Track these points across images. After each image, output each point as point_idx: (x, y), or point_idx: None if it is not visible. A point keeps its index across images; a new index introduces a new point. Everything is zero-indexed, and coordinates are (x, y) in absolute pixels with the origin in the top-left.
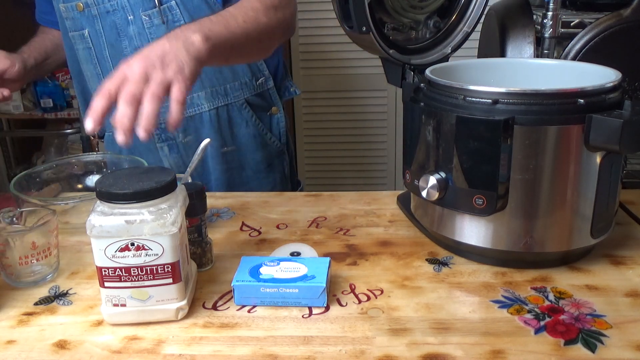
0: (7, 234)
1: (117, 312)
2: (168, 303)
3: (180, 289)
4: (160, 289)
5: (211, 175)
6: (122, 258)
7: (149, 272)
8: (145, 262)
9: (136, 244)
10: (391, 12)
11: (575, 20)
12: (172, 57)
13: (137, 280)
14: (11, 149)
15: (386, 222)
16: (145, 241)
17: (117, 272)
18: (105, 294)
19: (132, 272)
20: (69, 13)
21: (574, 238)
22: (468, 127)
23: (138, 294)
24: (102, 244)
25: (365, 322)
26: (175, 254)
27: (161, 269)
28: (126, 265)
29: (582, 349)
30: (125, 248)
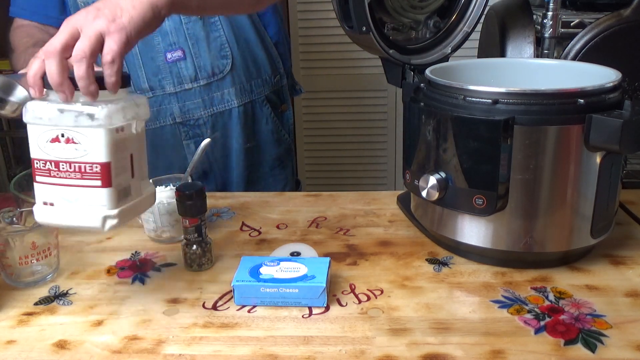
0: (7, 234)
1: (46, 212)
2: (95, 209)
3: (110, 196)
4: (88, 190)
5: (234, 171)
6: (52, 150)
7: (77, 169)
8: (74, 157)
9: (66, 136)
10: (391, 12)
11: (575, 20)
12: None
13: (65, 177)
14: (11, 149)
15: (386, 222)
16: (74, 133)
17: (47, 165)
18: (37, 190)
19: (60, 168)
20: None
21: (574, 238)
22: (468, 127)
23: (65, 193)
24: (36, 132)
25: (365, 322)
26: (106, 153)
27: (89, 167)
28: (55, 159)
29: (582, 349)
30: (56, 139)
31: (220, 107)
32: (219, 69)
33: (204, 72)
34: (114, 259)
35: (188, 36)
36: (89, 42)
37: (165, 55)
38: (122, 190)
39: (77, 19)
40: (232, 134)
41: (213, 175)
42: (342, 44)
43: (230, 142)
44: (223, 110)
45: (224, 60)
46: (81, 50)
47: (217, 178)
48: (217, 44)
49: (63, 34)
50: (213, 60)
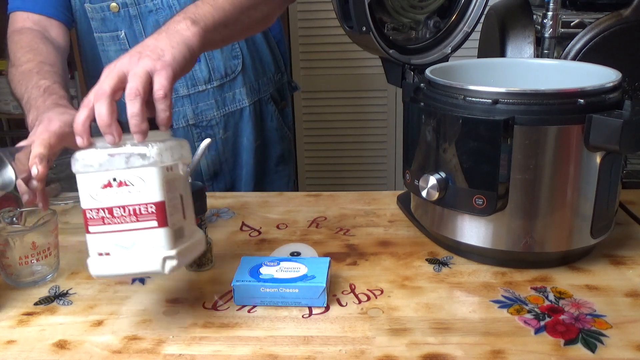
0: (7, 234)
1: (102, 263)
2: (153, 252)
3: (167, 236)
4: (144, 233)
5: (243, 169)
6: (105, 197)
7: (131, 212)
8: (128, 201)
9: (118, 180)
10: (391, 12)
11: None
12: (151, 49)
13: (120, 222)
14: None
15: (386, 222)
16: (127, 176)
17: (100, 213)
18: (90, 241)
19: (115, 214)
20: (97, 14)
21: (574, 238)
22: (468, 127)
23: (122, 240)
24: (86, 181)
25: (365, 322)
26: (160, 192)
27: (144, 209)
28: (109, 206)
29: (582, 349)
30: (108, 185)
31: (232, 107)
32: (231, 70)
33: (217, 73)
34: None
35: None
36: (140, 81)
37: None
38: (176, 230)
39: (122, 63)
40: (243, 132)
41: (223, 175)
42: (342, 44)
43: (240, 141)
44: (235, 110)
45: (235, 60)
46: (135, 89)
47: (227, 177)
48: (232, 51)
49: (111, 78)
50: (225, 61)
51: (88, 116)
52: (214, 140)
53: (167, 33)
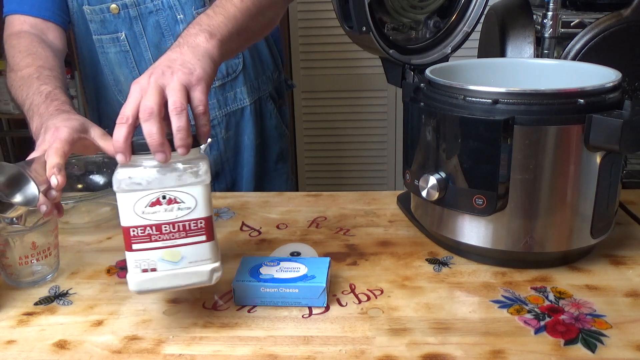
0: (7, 234)
1: (147, 279)
2: (202, 264)
3: (213, 248)
4: (193, 248)
5: (244, 168)
6: (153, 214)
7: (181, 228)
8: (177, 217)
9: (168, 197)
10: (391, 12)
11: (575, 20)
12: (180, 63)
13: (168, 239)
14: (11, 149)
15: (386, 222)
16: (177, 193)
17: (147, 230)
18: (134, 258)
19: (163, 230)
20: (97, 16)
21: (574, 238)
22: (468, 127)
23: (169, 256)
24: (132, 199)
25: (365, 322)
26: (208, 207)
27: (194, 224)
28: (157, 222)
29: (582, 349)
30: (156, 202)
31: (233, 106)
32: (232, 69)
33: (220, 73)
34: (114, 259)
35: None
36: (182, 95)
37: None
38: (217, 242)
39: (155, 78)
40: (244, 131)
41: (224, 175)
42: (342, 44)
43: (241, 140)
44: (236, 109)
45: (236, 59)
46: (180, 103)
47: (228, 177)
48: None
49: (153, 95)
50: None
51: (130, 133)
52: (216, 140)
53: (188, 47)
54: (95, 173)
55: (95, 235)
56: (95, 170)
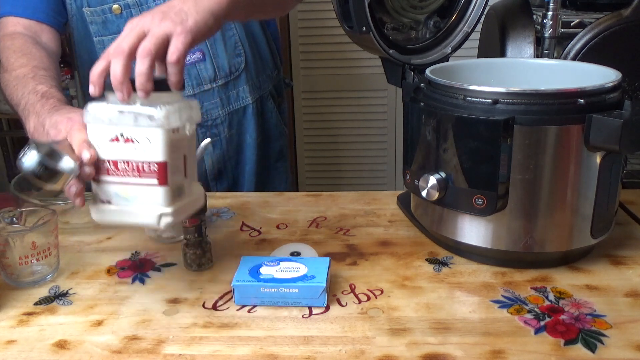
0: (7, 234)
1: (103, 209)
2: (152, 207)
3: (166, 194)
4: (145, 189)
5: (246, 166)
6: (112, 150)
7: (134, 168)
8: (132, 157)
9: (126, 136)
10: (391, 12)
11: (575, 20)
12: (176, 11)
13: (123, 176)
14: (11, 149)
15: (386, 222)
16: (134, 134)
17: (106, 164)
18: (94, 187)
19: (119, 167)
20: (98, 17)
21: (574, 238)
22: (468, 127)
23: (123, 192)
24: (95, 132)
25: (365, 322)
26: (163, 153)
27: (147, 166)
28: (114, 159)
29: (582, 349)
30: (116, 139)
31: (236, 105)
32: (234, 67)
33: (222, 71)
34: (114, 259)
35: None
36: (156, 42)
37: None
38: (176, 189)
39: (144, 21)
40: (246, 130)
41: (226, 174)
42: (342, 44)
43: (244, 138)
44: (238, 108)
45: (238, 58)
46: (147, 49)
47: (230, 176)
48: (231, 42)
49: (130, 37)
50: (229, 59)
51: (105, 68)
52: (219, 139)
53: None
54: None
55: (95, 235)
56: None
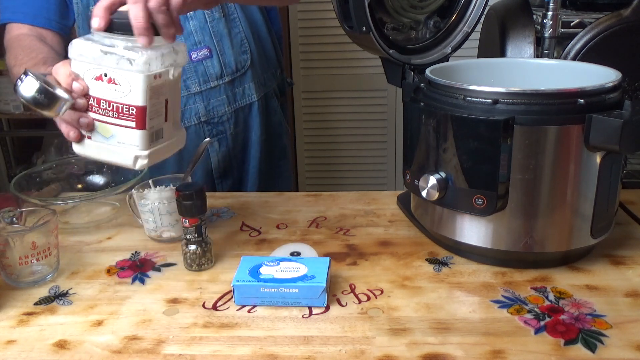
0: (7, 234)
1: (84, 144)
2: (128, 148)
3: (143, 138)
4: (123, 130)
5: (251, 163)
6: (95, 87)
7: (114, 109)
8: (113, 97)
9: (109, 76)
10: (391, 12)
11: (575, 20)
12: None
13: (104, 114)
14: (11, 149)
15: (386, 222)
16: (116, 75)
17: (90, 100)
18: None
19: (100, 105)
20: None
21: (574, 238)
22: (468, 127)
23: (102, 129)
24: (80, 69)
25: (365, 322)
26: (142, 98)
27: (126, 109)
28: (97, 96)
29: (582, 349)
30: (99, 77)
31: (242, 102)
32: (241, 65)
33: (229, 68)
34: (114, 259)
35: (213, 34)
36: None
37: (190, 55)
38: (154, 132)
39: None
40: (252, 127)
41: (231, 172)
42: (342, 44)
43: (249, 136)
44: (244, 105)
45: (244, 55)
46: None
47: (235, 173)
48: (237, 40)
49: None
50: (236, 56)
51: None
52: (224, 136)
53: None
54: (95, 173)
55: (95, 235)
56: (95, 170)
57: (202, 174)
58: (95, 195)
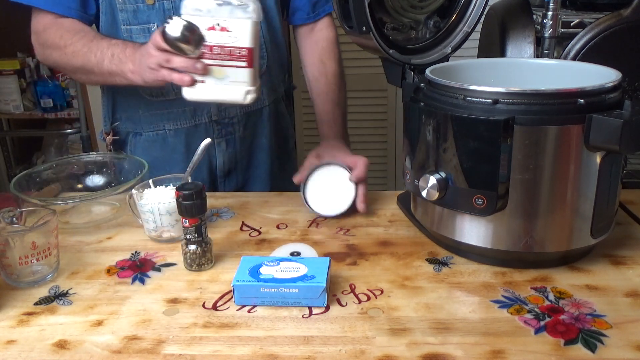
0: (7, 234)
1: (196, 88)
2: (240, 85)
3: (252, 75)
4: (234, 70)
5: (261, 168)
6: (208, 36)
7: (227, 52)
8: (226, 42)
9: (221, 25)
10: (391, 12)
11: (575, 20)
12: None
13: (217, 59)
14: (11, 149)
15: (386, 222)
16: (228, 23)
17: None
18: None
19: (213, 51)
20: (130, 5)
21: (574, 238)
22: (468, 127)
23: (216, 72)
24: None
25: (365, 322)
26: (252, 40)
27: (238, 51)
28: (210, 44)
29: (582, 349)
30: (212, 28)
31: (254, 106)
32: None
33: None
34: (114, 259)
35: None
36: None
37: None
38: (257, 71)
39: None
40: (261, 132)
41: (235, 174)
42: (342, 44)
43: (258, 141)
44: (256, 109)
45: (262, 60)
46: None
47: (239, 176)
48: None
49: None
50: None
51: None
52: (232, 137)
53: None
54: (95, 173)
55: (95, 235)
56: (95, 170)
57: (206, 172)
58: (95, 195)
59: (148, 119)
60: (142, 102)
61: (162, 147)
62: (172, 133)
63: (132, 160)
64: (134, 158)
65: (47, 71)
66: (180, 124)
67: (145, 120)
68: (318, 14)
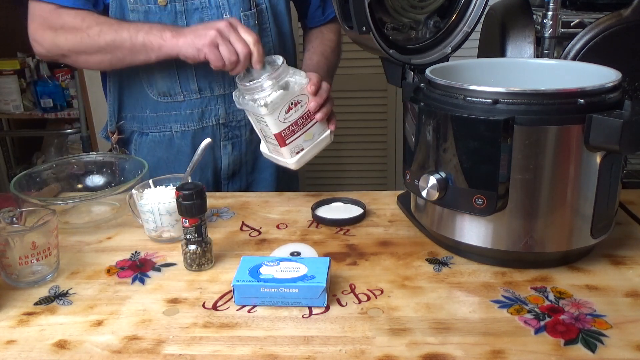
0: (7, 234)
1: (300, 156)
2: (324, 133)
3: (323, 123)
4: (315, 126)
5: (265, 171)
6: (290, 117)
7: (306, 117)
8: (302, 112)
9: (294, 102)
10: (391, 12)
11: (575, 20)
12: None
13: (302, 127)
14: (11, 149)
15: (386, 222)
16: (299, 97)
17: (291, 128)
18: (289, 149)
19: (298, 123)
20: (141, 6)
21: (574, 238)
22: (468, 127)
23: (307, 136)
24: (276, 114)
25: (365, 322)
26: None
27: (309, 113)
28: (294, 120)
29: (582, 349)
30: (289, 109)
31: None
32: None
33: None
34: (114, 259)
35: None
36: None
37: None
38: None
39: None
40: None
41: (240, 176)
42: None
43: None
44: None
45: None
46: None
47: (243, 179)
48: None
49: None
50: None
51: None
52: (239, 140)
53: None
54: (95, 173)
55: (95, 235)
56: (95, 170)
57: (211, 174)
58: (95, 195)
59: (155, 120)
60: (150, 102)
61: (167, 148)
62: (179, 135)
63: (132, 160)
64: (134, 158)
65: (47, 71)
66: (187, 125)
67: (152, 121)
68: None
